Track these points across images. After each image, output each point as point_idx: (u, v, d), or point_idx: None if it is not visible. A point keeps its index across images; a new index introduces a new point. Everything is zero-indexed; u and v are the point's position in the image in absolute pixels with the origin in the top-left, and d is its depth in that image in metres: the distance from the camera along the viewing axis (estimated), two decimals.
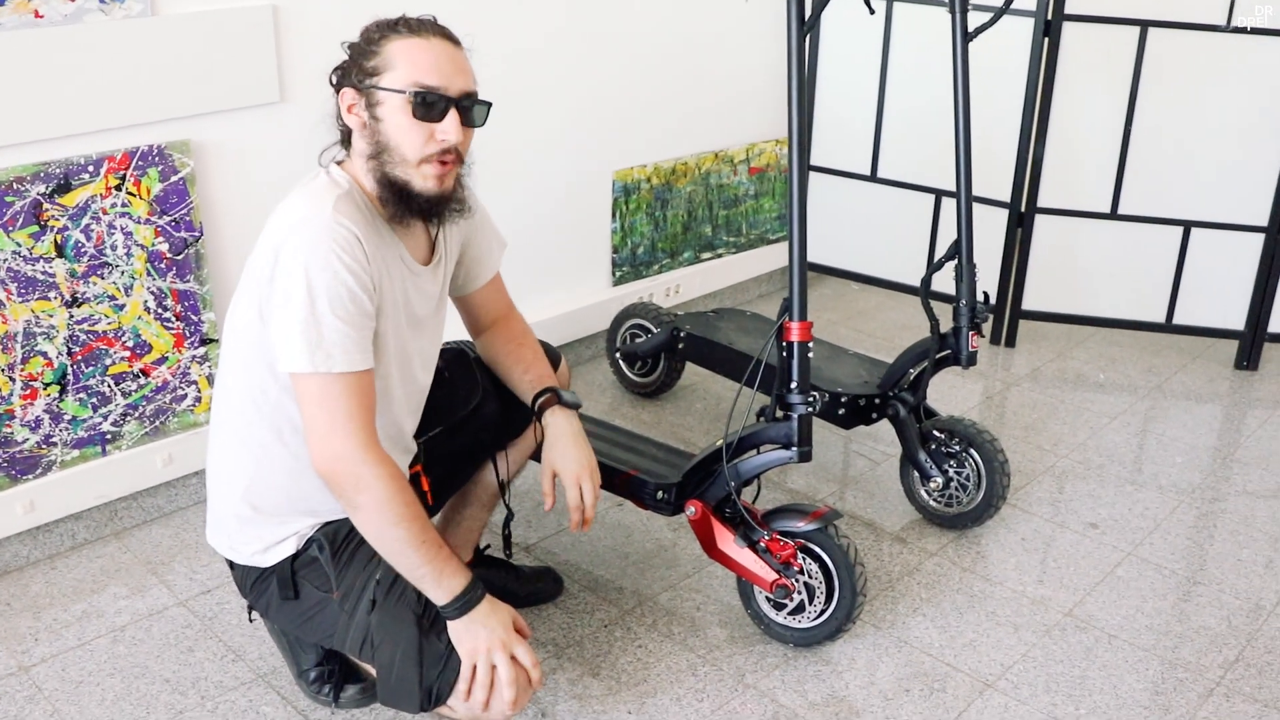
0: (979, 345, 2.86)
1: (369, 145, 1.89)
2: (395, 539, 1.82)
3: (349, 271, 1.78)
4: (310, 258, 1.77)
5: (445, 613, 1.87)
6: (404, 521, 1.81)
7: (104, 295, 2.62)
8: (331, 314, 1.77)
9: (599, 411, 3.48)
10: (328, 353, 1.77)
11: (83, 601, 2.55)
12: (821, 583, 2.38)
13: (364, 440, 1.80)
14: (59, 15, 2.40)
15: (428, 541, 1.83)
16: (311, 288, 1.76)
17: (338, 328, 1.77)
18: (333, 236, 1.78)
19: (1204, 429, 3.55)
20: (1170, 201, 3.83)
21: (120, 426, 2.73)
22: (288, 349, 1.78)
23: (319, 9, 2.81)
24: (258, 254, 1.84)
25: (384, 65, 1.85)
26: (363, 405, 1.81)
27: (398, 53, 1.85)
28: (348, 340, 1.79)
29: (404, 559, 1.83)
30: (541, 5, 3.31)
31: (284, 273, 1.78)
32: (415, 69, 1.84)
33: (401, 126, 1.85)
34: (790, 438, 2.33)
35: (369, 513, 1.81)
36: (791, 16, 2.27)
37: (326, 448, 1.79)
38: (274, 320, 1.80)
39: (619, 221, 3.75)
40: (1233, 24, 3.57)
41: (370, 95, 1.86)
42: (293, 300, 1.77)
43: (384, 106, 1.85)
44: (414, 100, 1.84)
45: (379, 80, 1.85)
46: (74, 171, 2.51)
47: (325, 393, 1.78)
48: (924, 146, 4.00)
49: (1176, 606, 2.67)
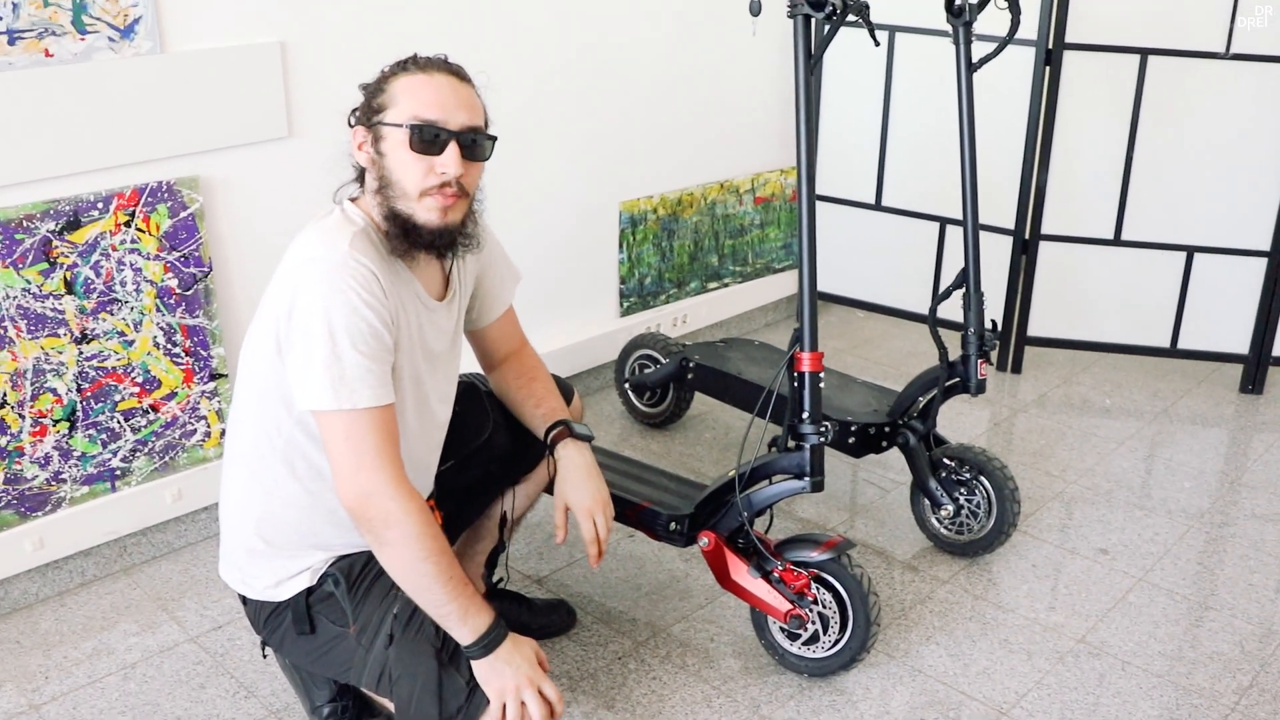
0: (987, 373, 2.86)
1: (375, 180, 1.91)
2: (423, 574, 1.81)
3: (368, 307, 1.79)
4: (329, 295, 1.77)
5: (470, 652, 1.86)
6: (432, 557, 1.80)
7: (113, 331, 2.62)
8: (353, 350, 1.77)
9: (608, 442, 3.48)
10: (351, 389, 1.77)
11: (93, 639, 2.54)
12: (835, 613, 2.38)
13: (392, 475, 1.80)
14: (69, 54, 2.42)
15: (455, 578, 1.83)
16: (331, 325, 1.76)
17: (360, 363, 1.78)
18: (350, 273, 1.79)
19: (1211, 453, 3.55)
20: (1173, 227, 3.84)
21: (130, 462, 2.72)
22: (309, 387, 1.78)
23: (326, 46, 2.83)
24: (275, 290, 1.85)
25: (388, 101, 1.88)
26: (388, 440, 1.81)
27: (401, 89, 1.88)
28: (370, 375, 1.79)
29: (430, 595, 1.83)
30: (547, 38, 3.33)
31: (302, 311, 1.78)
32: (415, 103, 1.87)
33: (403, 160, 1.87)
34: (803, 468, 2.33)
35: (398, 548, 1.80)
36: (799, 50, 2.29)
37: (354, 484, 1.79)
38: (292, 357, 1.80)
39: (626, 252, 3.76)
40: (1232, 51, 3.59)
41: (376, 131, 1.89)
42: (313, 338, 1.77)
43: (387, 141, 1.88)
44: (412, 133, 1.85)
45: (383, 116, 1.88)
46: (83, 208, 2.52)
47: (351, 429, 1.78)
48: (928, 175, 4.02)
49: (1189, 632, 2.67)
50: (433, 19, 3.04)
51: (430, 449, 2.11)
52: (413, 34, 2.98)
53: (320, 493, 1.95)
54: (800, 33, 2.30)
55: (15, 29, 2.33)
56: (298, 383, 1.80)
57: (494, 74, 3.17)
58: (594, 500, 2.16)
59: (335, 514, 1.96)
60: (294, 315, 1.79)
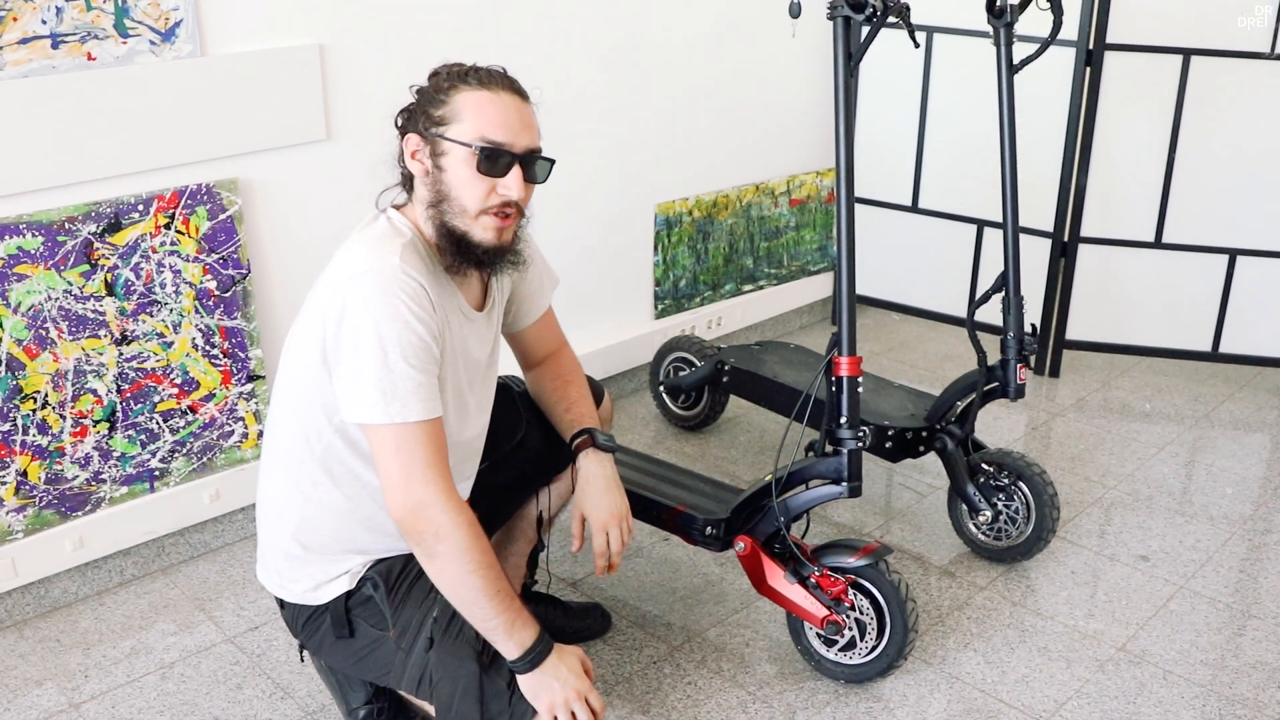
0: (1026, 377, 2.84)
1: (430, 193, 1.89)
2: (471, 588, 1.80)
3: (419, 320, 1.79)
4: (380, 309, 1.77)
5: (515, 666, 1.85)
6: (480, 570, 1.80)
7: (153, 333, 2.64)
8: (405, 363, 1.77)
9: (643, 444, 3.48)
10: (404, 402, 1.77)
11: (131, 638, 2.56)
12: (873, 619, 2.36)
13: (443, 488, 1.80)
14: (111, 57, 2.44)
15: (502, 591, 1.82)
16: (383, 339, 1.76)
17: (411, 376, 1.78)
18: (401, 286, 1.79)
19: (1253, 459, 3.50)
20: (1215, 229, 3.80)
21: (168, 463, 2.74)
22: (359, 401, 1.78)
23: (365, 48, 2.84)
24: (322, 300, 1.84)
25: (452, 115, 1.86)
26: (439, 452, 1.81)
27: (467, 104, 1.86)
28: (421, 389, 1.79)
29: (478, 609, 1.82)
30: (582, 39, 3.33)
31: (353, 324, 1.78)
32: (483, 123, 1.85)
33: (464, 179, 1.86)
34: (840, 473, 2.32)
35: (447, 560, 1.80)
36: (838, 52, 2.27)
37: (406, 497, 1.79)
38: (340, 370, 1.80)
39: (661, 254, 3.75)
40: (1277, 51, 3.54)
41: (435, 144, 1.87)
42: (364, 352, 1.77)
43: (448, 157, 1.86)
44: (479, 154, 1.84)
45: (445, 130, 1.86)
46: (124, 211, 2.53)
47: (401, 442, 1.78)
48: (965, 177, 3.99)
49: (1231, 641, 2.63)
50: (469, 21, 3.04)
51: (469, 456, 2.11)
52: (449, 36, 2.98)
53: (360, 498, 1.95)
54: (840, 35, 2.28)
55: (59, 33, 2.35)
56: (347, 395, 1.80)
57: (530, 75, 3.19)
58: (609, 513, 2.14)
59: (374, 520, 1.96)
60: (343, 328, 1.79)
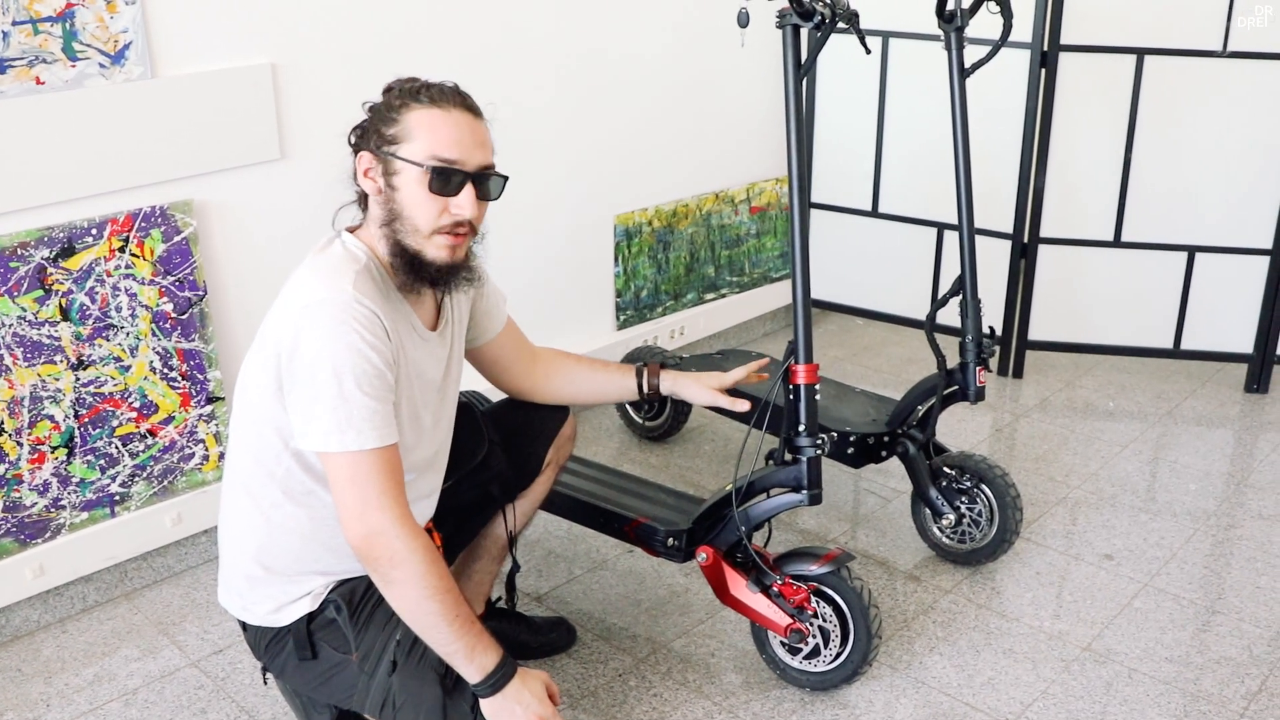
0: (986, 380, 2.85)
1: (383, 211, 1.89)
2: (429, 613, 1.80)
3: (372, 349, 1.78)
4: (334, 339, 1.77)
5: (478, 690, 1.84)
6: (438, 595, 1.79)
7: (110, 357, 2.62)
8: (359, 391, 1.77)
9: (608, 456, 3.47)
10: (358, 430, 1.77)
11: (94, 665, 2.54)
12: (836, 626, 2.36)
13: (398, 514, 1.79)
14: (60, 81, 2.42)
15: (461, 616, 1.82)
16: (338, 368, 1.76)
17: (366, 404, 1.77)
18: (354, 315, 1.78)
19: (1216, 454, 3.53)
20: (1173, 227, 3.83)
21: (128, 487, 2.72)
22: (314, 429, 1.78)
23: (318, 66, 2.83)
24: (276, 327, 1.84)
25: (403, 134, 1.85)
26: (394, 479, 1.81)
27: (418, 123, 1.85)
28: (376, 415, 1.78)
29: (437, 634, 1.82)
30: (539, 53, 3.33)
31: (307, 353, 1.78)
32: (434, 142, 1.84)
33: (417, 198, 1.85)
34: (800, 481, 2.32)
35: (404, 587, 1.79)
36: (788, 61, 2.28)
37: (361, 524, 1.78)
38: (295, 398, 1.80)
39: (622, 265, 3.76)
40: (1229, 49, 3.58)
41: (388, 163, 1.86)
42: (319, 381, 1.76)
43: (400, 176, 1.85)
44: (431, 174, 1.84)
45: (397, 149, 1.85)
46: (77, 235, 2.52)
47: (356, 470, 1.78)
48: (925, 180, 4.01)
49: (1196, 637, 2.65)
50: (425, 36, 3.03)
51: (431, 473, 2.10)
52: (404, 52, 2.98)
53: (320, 519, 1.94)
54: (789, 43, 2.29)
55: (6, 57, 2.33)
56: (302, 423, 1.80)
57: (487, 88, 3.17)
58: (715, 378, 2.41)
59: (334, 541, 1.95)
60: (298, 358, 1.79)
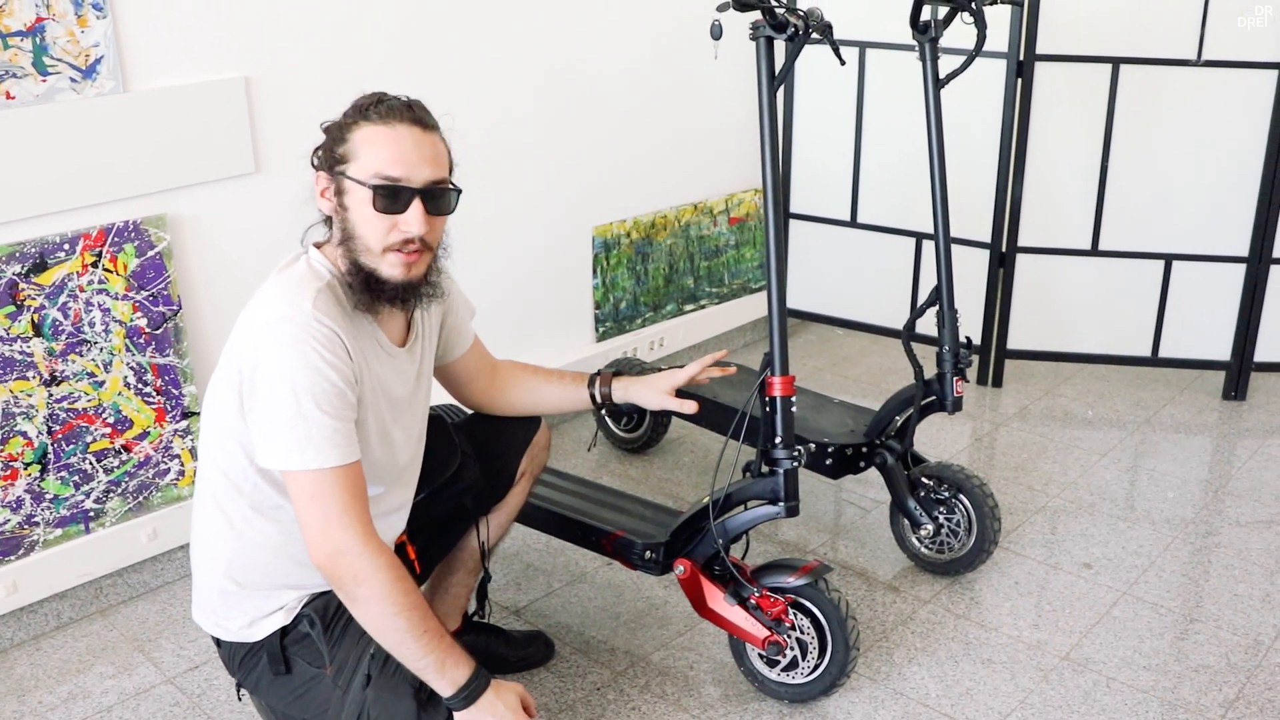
0: (964, 390, 2.85)
1: (339, 230, 1.89)
2: (396, 629, 1.79)
3: (331, 368, 1.78)
4: (293, 357, 1.77)
5: (451, 704, 1.84)
6: (405, 611, 1.79)
7: (83, 372, 2.61)
8: (318, 409, 1.76)
9: (587, 468, 3.47)
10: (318, 448, 1.77)
11: (69, 682, 2.52)
12: (814, 638, 2.36)
13: (360, 532, 1.78)
14: (30, 95, 2.41)
15: (429, 630, 1.81)
16: (296, 387, 1.76)
17: (325, 423, 1.77)
18: (313, 334, 1.78)
19: (1195, 462, 3.54)
20: (1150, 236, 3.84)
21: (103, 503, 2.70)
22: (274, 447, 1.78)
23: (292, 79, 2.82)
24: (238, 345, 1.84)
25: (350, 153, 1.85)
26: (355, 496, 1.80)
27: (363, 141, 1.85)
28: (336, 434, 1.78)
29: (406, 649, 1.81)
30: (515, 65, 3.32)
31: (267, 373, 1.78)
32: (378, 159, 1.84)
33: (365, 217, 1.85)
34: (777, 493, 2.31)
35: (370, 604, 1.79)
36: (761, 72, 2.28)
37: (324, 543, 1.78)
38: (256, 416, 1.80)
39: (600, 277, 3.75)
40: (1203, 58, 3.60)
41: (339, 182, 1.87)
42: (278, 400, 1.76)
43: (350, 195, 1.86)
44: (375, 193, 1.83)
45: (346, 168, 1.86)
46: (49, 250, 2.50)
47: (318, 488, 1.77)
48: (903, 191, 4.01)
49: (1174, 645, 2.65)
50: (399, 49, 3.03)
51: (403, 486, 2.10)
52: (378, 66, 2.97)
53: (290, 534, 1.93)
54: (763, 55, 2.29)
55: None
56: (263, 441, 1.80)
57: (463, 102, 3.19)
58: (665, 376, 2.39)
59: (305, 554, 1.93)
60: (258, 376, 1.78)
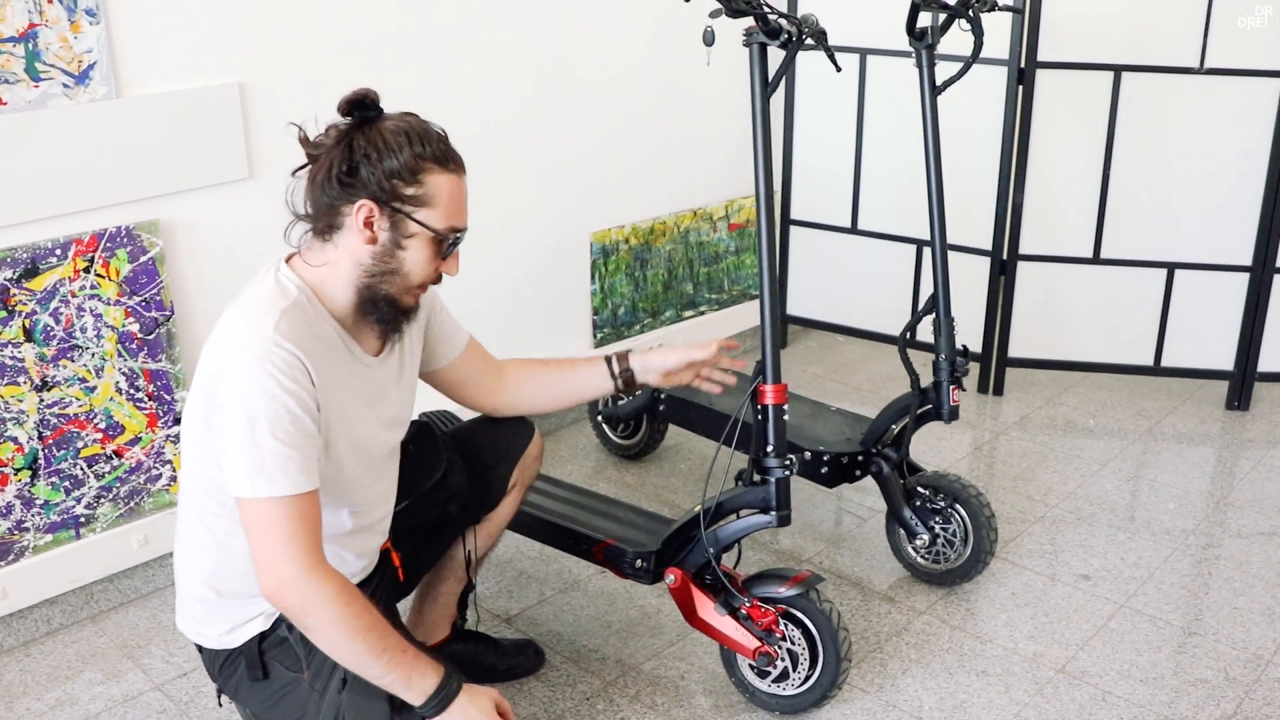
0: (960, 399, 2.83)
1: (374, 263, 1.87)
2: (353, 653, 1.79)
3: (288, 394, 1.76)
4: (249, 384, 1.75)
5: (422, 712, 1.83)
6: (358, 635, 1.78)
7: (74, 378, 2.60)
8: (272, 437, 1.75)
9: (583, 475, 3.45)
10: (269, 476, 1.75)
11: (57, 689, 2.51)
12: (805, 649, 2.34)
13: (306, 562, 1.76)
14: (23, 101, 2.40)
15: (389, 649, 1.80)
16: (251, 413, 1.75)
17: (278, 450, 1.75)
18: (270, 360, 1.76)
19: (1196, 472, 3.51)
20: (1153, 244, 3.82)
21: (94, 509, 2.69)
22: (230, 474, 1.77)
23: (286, 85, 2.81)
24: (204, 364, 1.83)
25: (425, 199, 1.84)
26: (304, 527, 1.78)
27: (440, 190, 1.85)
28: (289, 463, 1.76)
29: (367, 670, 1.81)
30: (513, 68, 3.31)
31: (224, 398, 1.77)
32: (454, 210, 1.88)
33: (423, 259, 1.88)
34: (768, 502, 2.30)
35: (322, 633, 1.79)
36: (755, 79, 2.27)
37: (269, 576, 1.77)
38: (218, 439, 1.79)
39: (598, 283, 3.74)
40: (1205, 66, 3.57)
41: (402, 223, 1.85)
42: (234, 425, 1.75)
43: (414, 239, 1.86)
44: (449, 242, 1.88)
45: (415, 212, 1.84)
46: (41, 255, 2.49)
47: (266, 516, 1.76)
48: (904, 198, 4.00)
49: (1172, 659, 2.62)
50: (395, 55, 3.02)
51: (382, 498, 2.09)
52: (375, 72, 2.96)
53: None
54: (756, 61, 2.29)
55: None
56: (223, 466, 1.79)
57: (460, 106, 3.18)
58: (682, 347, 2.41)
59: None
60: (218, 400, 1.78)
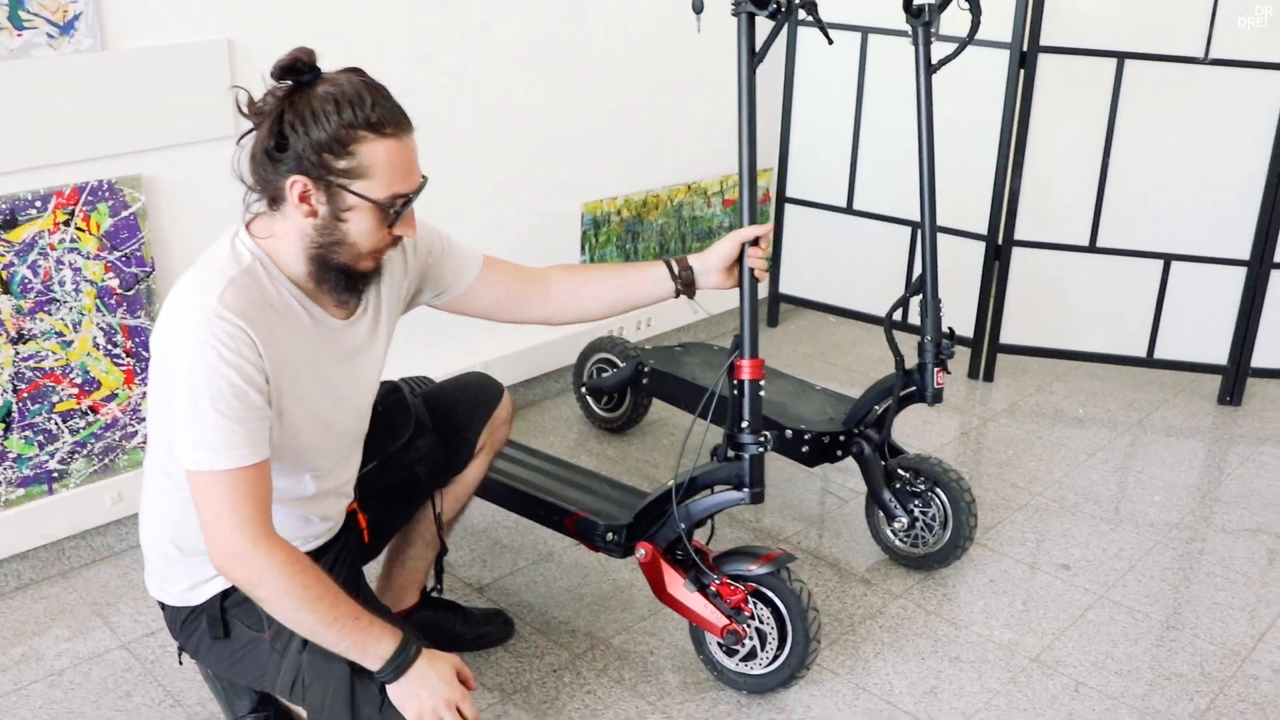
0: (945, 381, 2.80)
1: (317, 234, 1.81)
2: (305, 621, 1.78)
3: (230, 366, 1.73)
4: (191, 356, 1.73)
5: (381, 677, 1.82)
6: (307, 604, 1.76)
7: (51, 331, 2.58)
8: (214, 410, 1.73)
9: (565, 447, 3.43)
10: (212, 449, 1.73)
11: (23, 644, 2.50)
12: (774, 628, 2.32)
13: (251, 534, 1.75)
14: (4, 50, 2.37)
15: (340, 617, 1.78)
16: (194, 386, 1.72)
17: (220, 424, 1.73)
18: (212, 332, 1.73)
19: (1185, 466, 3.48)
20: (1150, 234, 3.78)
21: (68, 464, 2.68)
22: (179, 444, 1.76)
23: (275, 43, 2.75)
24: (159, 328, 1.81)
25: (361, 170, 1.76)
26: (249, 498, 1.76)
27: (376, 159, 1.76)
28: (232, 436, 1.74)
29: (320, 638, 1.80)
30: (506, 36, 3.27)
31: (169, 368, 1.75)
32: (394, 177, 1.78)
33: (368, 228, 1.80)
34: (742, 478, 2.27)
35: (271, 603, 1.77)
36: (741, 49, 2.24)
37: (217, 545, 1.76)
38: (169, 406, 1.78)
39: (589, 254, 3.71)
40: (1211, 56, 3.53)
41: (338, 196, 1.77)
42: (179, 396, 1.74)
43: (354, 211, 1.79)
44: (391, 210, 1.80)
45: (352, 184, 1.77)
46: (20, 207, 2.47)
47: (211, 489, 1.74)
48: (900, 178, 3.95)
49: (1149, 652, 2.60)
50: (384, 16, 2.98)
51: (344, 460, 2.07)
52: (365, 32, 2.93)
53: None
54: (744, 31, 2.26)
55: None
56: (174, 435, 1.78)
57: (452, 70, 3.14)
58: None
59: None
60: (164, 370, 1.77)
